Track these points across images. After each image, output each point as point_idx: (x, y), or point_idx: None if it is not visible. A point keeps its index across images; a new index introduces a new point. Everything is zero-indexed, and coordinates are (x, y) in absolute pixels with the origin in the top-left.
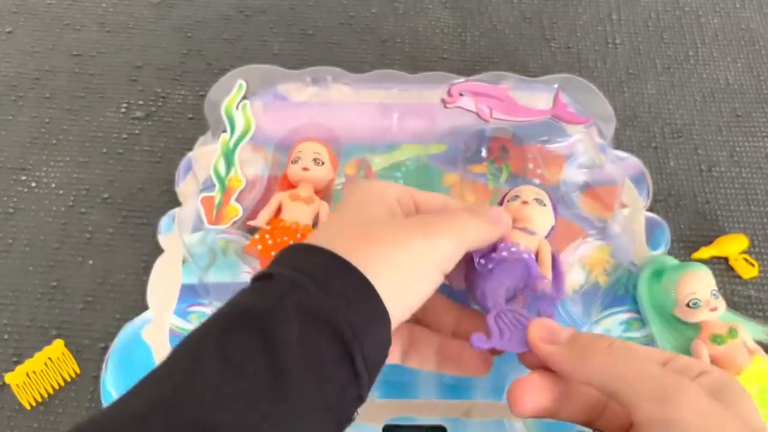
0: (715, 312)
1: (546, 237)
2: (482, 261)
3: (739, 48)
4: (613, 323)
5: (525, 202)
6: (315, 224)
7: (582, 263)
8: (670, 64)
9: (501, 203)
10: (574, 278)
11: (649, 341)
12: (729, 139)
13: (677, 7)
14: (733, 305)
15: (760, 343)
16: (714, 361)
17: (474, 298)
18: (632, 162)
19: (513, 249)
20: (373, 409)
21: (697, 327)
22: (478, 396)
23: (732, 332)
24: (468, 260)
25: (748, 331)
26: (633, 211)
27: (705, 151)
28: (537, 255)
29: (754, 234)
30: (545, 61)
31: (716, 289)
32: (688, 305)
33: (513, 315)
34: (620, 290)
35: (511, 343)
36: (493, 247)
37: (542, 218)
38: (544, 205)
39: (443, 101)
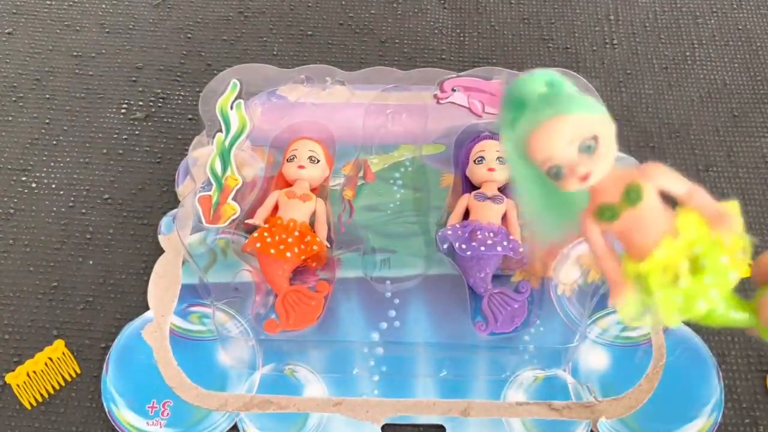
0: (590, 180)
1: None
2: (463, 246)
3: (736, 48)
4: (610, 322)
5: (491, 170)
6: (312, 222)
7: (580, 262)
8: (667, 65)
9: (467, 160)
10: (572, 277)
11: (648, 341)
12: (726, 140)
13: (674, 8)
14: None
15: None
16: (622, 240)
17: (467, 283)
18: (630, 162)
19: (489, 242)
20: (372, 408)
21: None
22: (476, 395)
23: (631, 193)
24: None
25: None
26: None
27: (702, 151)
28: (505, 216)
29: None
30: (543, 62)
31: (592, 137)
32: (548, 174)
33: (501, 297)
34: None
35: (503, 324)
36: (471, 234)
37: (505, 175)
38: (505, 161)
39: (435, 97)
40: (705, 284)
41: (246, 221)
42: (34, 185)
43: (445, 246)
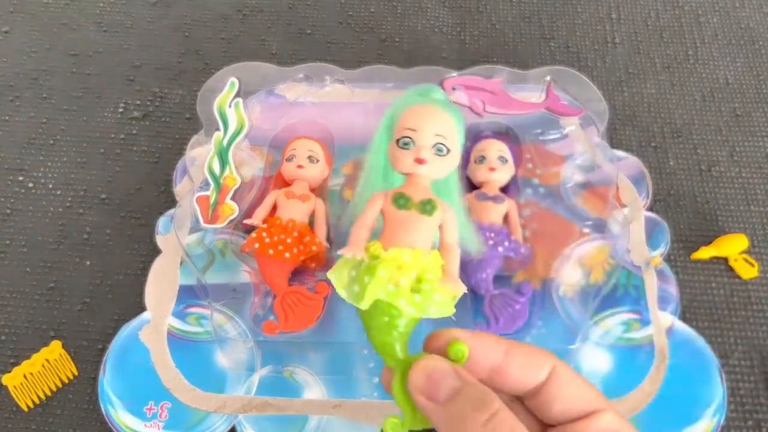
0: (421, 166)
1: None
2: None
3: (739, 47)
4: (612, 324)
5: (492, 169)
6: (311, 222)
7: (581, 263)
8: (669, 64)
9: (467, 159)
10: (574, 278)
11: (650, 342)
12: (729, 139)
13: (677, 6)
14: (733, 306)
15: None
16: (389, 225)
17: (468, 286)
18: (632, 161)
19: (490, 242)
20: (371, 411)
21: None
22: None
23: (428, 204)
24: None
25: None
26: (632, 211)
27: (705, 151)
28: (506, 216)
29: (754, 234)
30: (544, 61)
31: (448, 148)
32: (399, 140)
33: (502, 298)
34: (620, 290)
35: (505, 326)
36: None
37: (506, 175)
38: (506, 161)
39: None
40: (413, 299)
41: (244, 221)
42: (30, 185)
43: None
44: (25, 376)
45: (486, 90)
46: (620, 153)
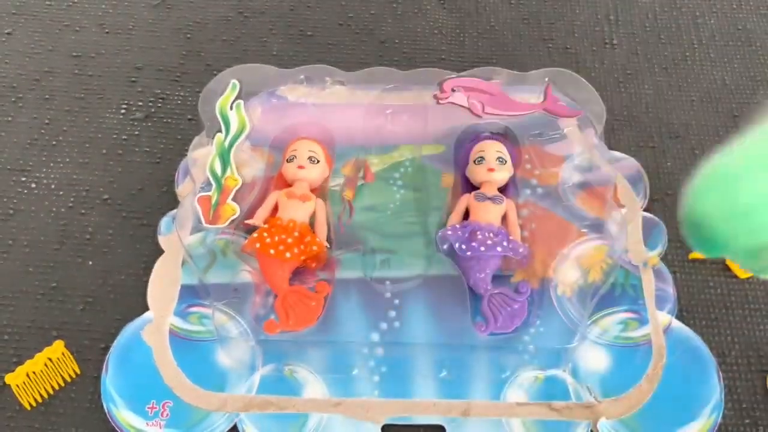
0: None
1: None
2: (463, 246)
3: (736, 49)
4: (610, 323)
5: (491, 170)
6: (312, 222)
7: (580, 263)
8: (667, 65)
9: (466, 160)
10: (572, 278)
11: (648, 341)
12: (726, 140)
13: (674, 8)
14: (730, 305)
15: None
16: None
17: (467, 283)
18: (630, 162)
19: (489, 243)
20: (372, 409)
21: None
22: (476, 395)
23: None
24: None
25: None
26: (630, 211)
27: (702, 152)
28: (505, 217)
29: None
30: (543, 62)
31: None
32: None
33: (501, 298)
34: (618, 290)
35: (503, 324)
36: (471, 234)
37: (505, 175)
38: (505, 162)
39: (435, 97)
40: None
41: (245, 221)
42: (33, 185)
43: (445, 246)
44: (28, 375)
45: (485, 91)
46: (618, 154)
